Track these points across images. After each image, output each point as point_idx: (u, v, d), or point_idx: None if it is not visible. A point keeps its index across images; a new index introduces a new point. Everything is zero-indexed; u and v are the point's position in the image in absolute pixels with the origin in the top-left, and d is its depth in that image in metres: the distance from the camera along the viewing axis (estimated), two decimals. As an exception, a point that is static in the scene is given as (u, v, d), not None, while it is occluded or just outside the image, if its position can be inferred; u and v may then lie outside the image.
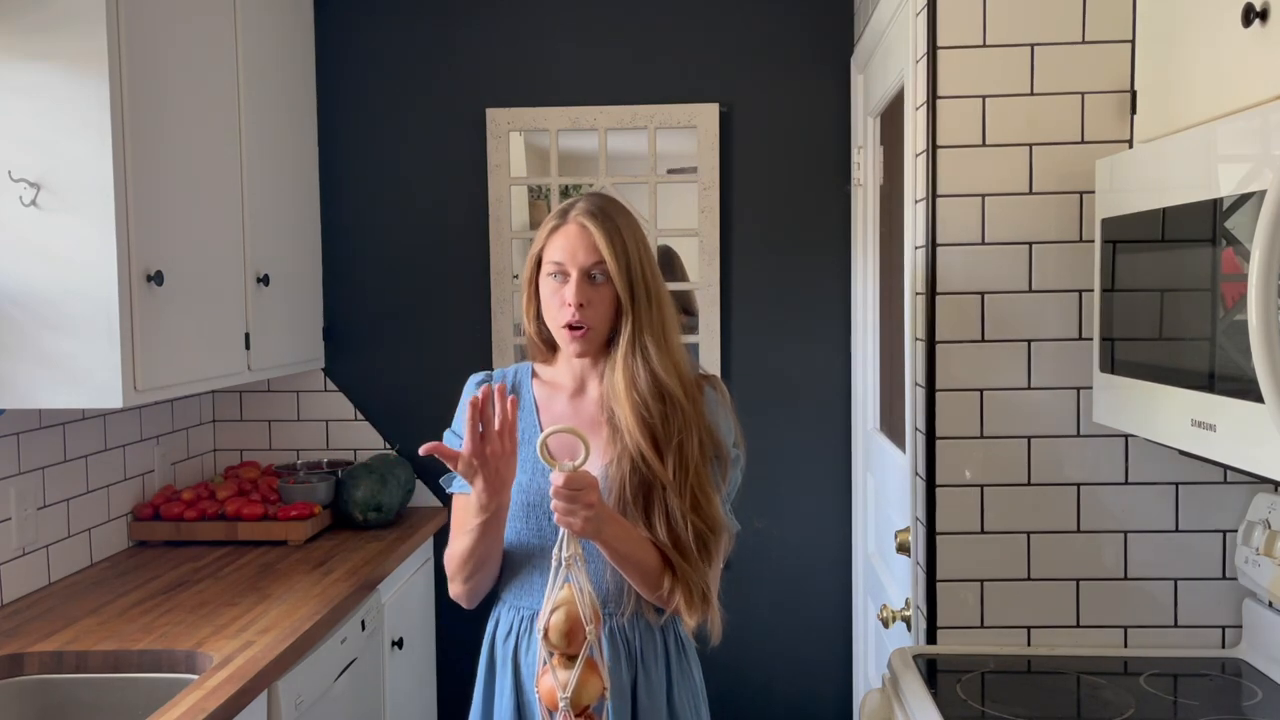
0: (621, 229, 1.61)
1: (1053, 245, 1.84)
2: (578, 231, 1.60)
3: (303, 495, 2.82)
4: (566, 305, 1.60)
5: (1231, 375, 1.28)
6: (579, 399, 1.68)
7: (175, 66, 2.27)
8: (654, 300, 1.62)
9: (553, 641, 1.44)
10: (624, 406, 1.58)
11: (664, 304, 1.64)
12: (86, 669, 1.94)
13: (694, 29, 3.07)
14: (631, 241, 1.61)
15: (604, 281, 1.60)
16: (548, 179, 3.13)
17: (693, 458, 1.59)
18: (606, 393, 1.63)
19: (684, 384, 1.62)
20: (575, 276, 1.59)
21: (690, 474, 1.58)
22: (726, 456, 1.66)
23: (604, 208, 1.63)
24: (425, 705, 2.98)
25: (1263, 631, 1.77)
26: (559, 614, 1.44)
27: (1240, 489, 1.84)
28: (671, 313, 1.66)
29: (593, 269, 1.59)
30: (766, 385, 3.05)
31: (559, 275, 1.61)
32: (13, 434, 2.24)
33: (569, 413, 1.67)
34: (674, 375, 1.60)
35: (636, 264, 1.61)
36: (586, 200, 1.65)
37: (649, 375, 1.58)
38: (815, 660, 3.14)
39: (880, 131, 2.78)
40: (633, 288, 1.59)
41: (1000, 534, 1.88)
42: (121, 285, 2.03)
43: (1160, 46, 1.66)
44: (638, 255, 1.61)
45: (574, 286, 1.59)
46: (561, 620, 1.43)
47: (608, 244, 1.58)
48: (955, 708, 1.61)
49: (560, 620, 1.43)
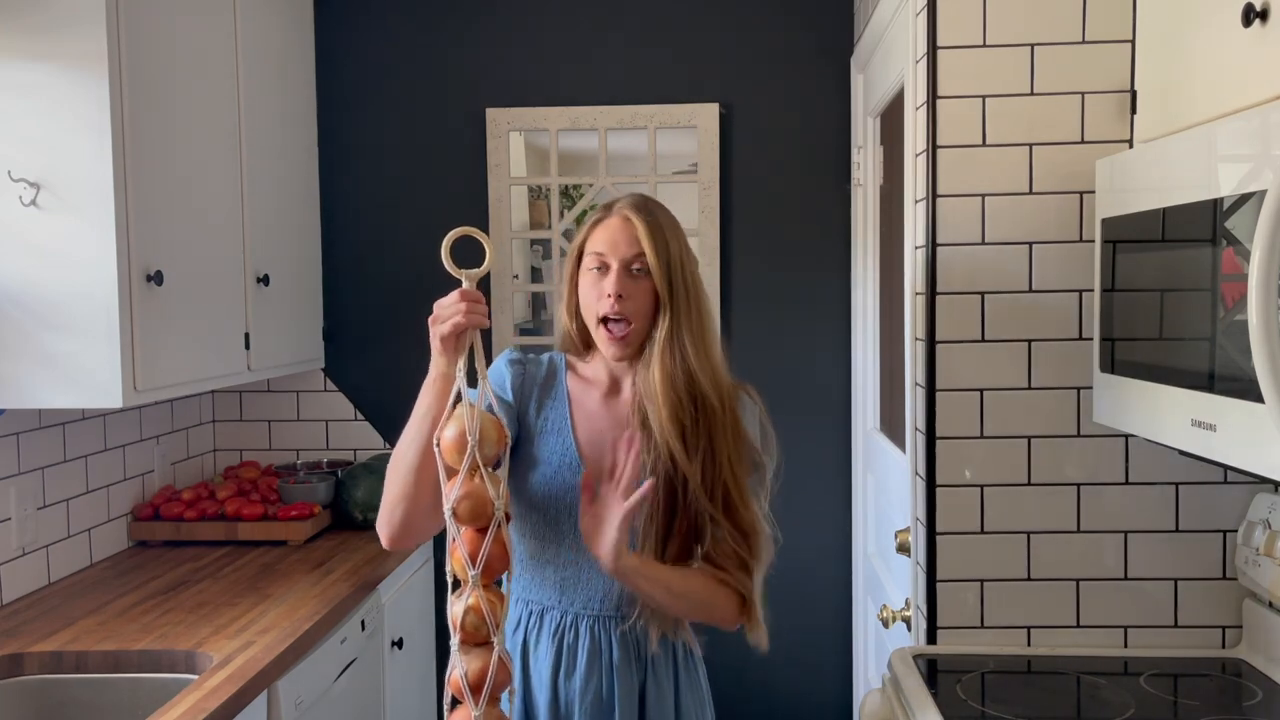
0: (664, 226, 1.60)
1: (1053, 245, 1.84)
2: (620, 224, 1.59)
3: (303, 495, 2.82)
4: (605, 296, 1.58)
5: (1231, 375, 1.28)
6: (612, 398, 1.67)
7: (175, 67, 2.27)
8: (693, 300, 1.60)
9: (447, 462, 1.37)
10: (658, 404, 1.56)
11: (704, 306, 1.63)
12: (86, 669, 1.94)
13: (694, 29, 3.07)
14: (674, 239, 1.60)
15: (644, 275, 1.58)
16: (548, 179, 3.13)
17: (725, 462, 1.57)
18: (640, 390, 1.60)
19: (720, 389, 1.60)
20: (615, 268, 1.58)
21: (721, 476, 1.57)
22: (762, 465, 1.65)
23: (647, 204, 1.63)
24: (425, 705, 2.98)
25: (1263, 631, 1.77)
26: (450, 429, 1.36)
27: (1240, 489, 1.84)
28: (711, 317, 1.65)
29: (633, 262, 1.58)
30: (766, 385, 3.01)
31: (600, 267, 1.60)
32: (13, 434, 2.24)
33: (602, 411, 1.65)
34: (710, 378, 1.59)
35: (678, 261, 1.59)
36: (630, 196, 1.65)
37: (686, 375, 1.56)
38: (815, 660, 3.14)
39: (880, 131, 2.78)
40: (671, 283, 1.58)
41: (1000, 534, 1.87)
42: (121, 285, 2.03)
43: (1160, 46, 1.66)
44: (679, 253, 1.60)
45: (614, 277, 1.57)
46: (454, 435, 1.36)
47: (649, 237, 1.57)
48: (955, 708, 1.61)
49: (452, 435, 1.36)
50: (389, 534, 1.55)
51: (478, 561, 1.35)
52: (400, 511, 1.52)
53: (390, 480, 1.54)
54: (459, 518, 1.36)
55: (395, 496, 1.52)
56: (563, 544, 1.60)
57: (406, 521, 1.52)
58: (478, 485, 1.36)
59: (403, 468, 1.50)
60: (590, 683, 1.59)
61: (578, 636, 1.61)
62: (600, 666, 1.60)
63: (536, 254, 3.28)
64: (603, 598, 1.61)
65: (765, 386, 3.07)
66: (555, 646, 1.61)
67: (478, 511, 1.36)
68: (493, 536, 1.36)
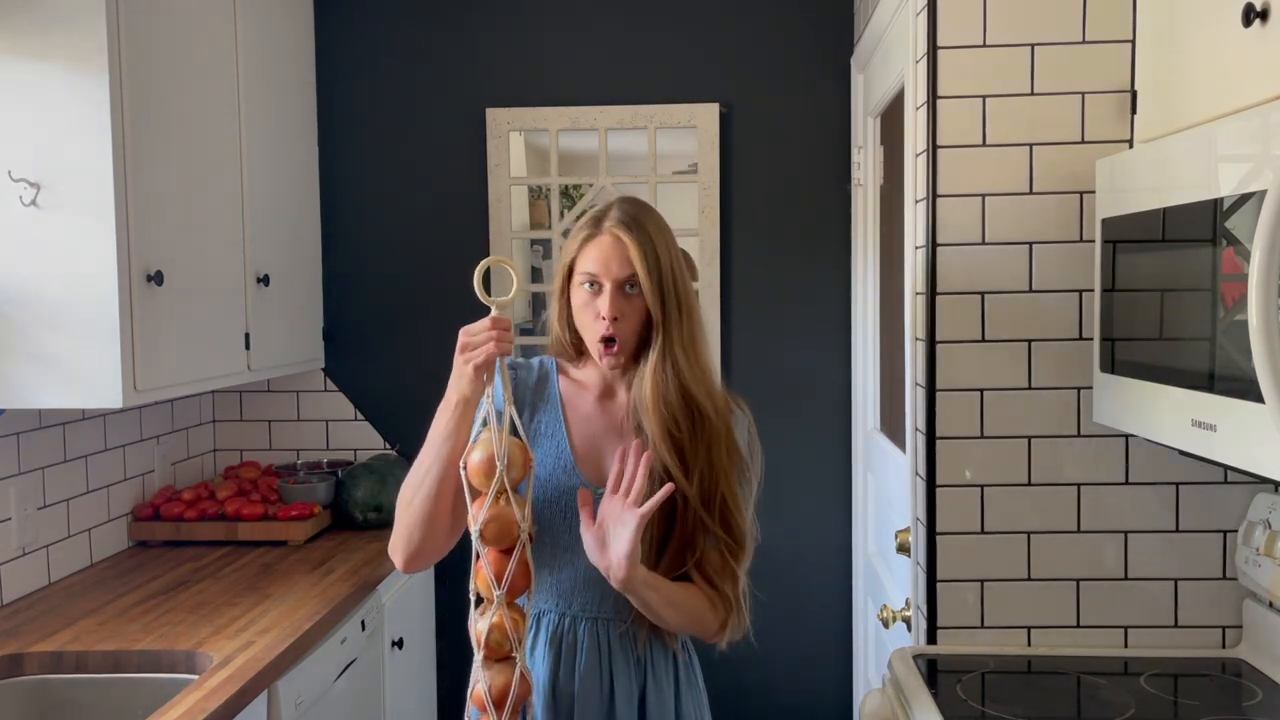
0: (655, 239, 1.58)
1: (1053, 245, 1.84)
2: (612, 243, 1.57)
3: (303, 495, 2.82)
4: (601, 319, 1.56)
5: (1232, 375, 1.28)
6: (607, 402, 1.66)
7: (175, 66, 2.27)
8: (685, 312, 1.59)
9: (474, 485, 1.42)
10: (652, 419, 1.56)
11: (694, 316, 1.62)
12: (86, 669, 1.94)
13: (694, 29, 3.07)
14: (665, 253, 1.58)
15: (637, 293, 1.58)
16: (548, 179, 3.13)
17: (721, 474, 1.57)
18: (635, 403, 1.60)
19: (714, 399, 1.60)
20: (609, 289, 1.56)
21: (719, 488, 1.57)
22: (749, 477, 1.65)
23: (637, 217, 1.59)
24: (425, 705, 2.98)
25: (1263, 632, 1.77)
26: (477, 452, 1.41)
27: (1240, 489, 1.84)
28: (701, 324, 1.64)
29: (626, 281, 1.56)
30: (767, 385, 3.04)
31: (592, 285, 1.58)
32: (13, 434, 2.24)
33: (596, 414, 1.65)
34: (704, 389, 1.58)
35: (669, 276, 1.58)
36: (619, 209, 1.61)
37: (679, 389, 1.56)
38: (815, 660, 3.14)
39: (880, 131, 2.78)
40: (664, 301, 1.57)
41: (1000, 534, 1.87)
42: (121, 285, 2.03)
43: (1160, 46, 1.66)
44: (670, 267, 1.58)
45: (608, 300, 1.55)
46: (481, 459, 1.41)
47: (641, 257, 1.55)
48: (955, 708, 1.61)
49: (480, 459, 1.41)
50: (405, 557, 1.56)
51: (503, 581, 1.40)
52: (420, 535, 1.53)
53: (407, 504, 1.54)
54: (485, 539, 1.40)
55: (414, 520, 1.53)
56: (559, 547, 1.60)
57: (425, 545, 1.54)
58: (504, 508, 1.40)
59: (423, 491, 1.51)
60: (591, 685, 1.59)
61: (577, 639, 1.61)
62: (601, 668, 1.60)
63: (537, 254, 3.29)
64: (601, 599, 1.60)
65: (765, 386, 3.10)
66: (554, 649, 1.61)
67: (504, 533, 1.41)
68: (517, 557, 1.41)
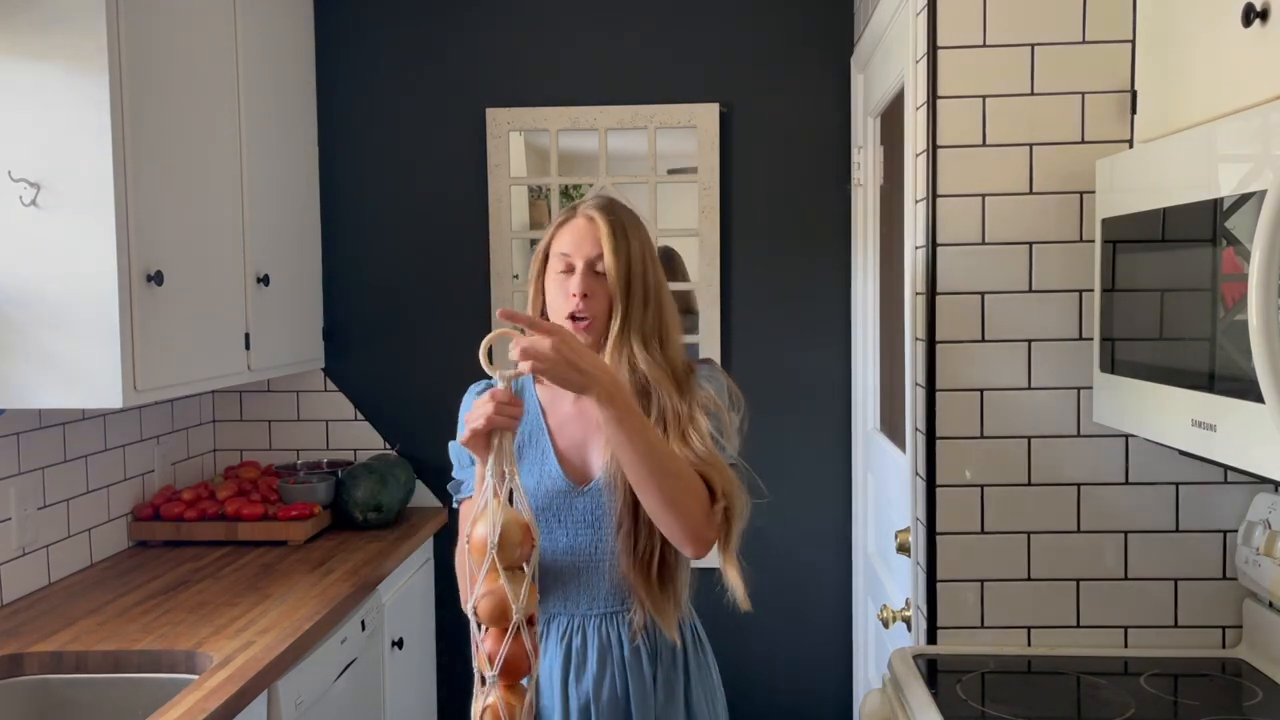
0: (626, 226, 1.63)
1: (1053, 245, 1.84)
2: (584, 224, 1.63)
3: (303, 495, 2.82)
4: (572, 296, 1.60)
5: (1232, 375, 1.28)
6: (583, 402, 1.67)
7: (175, 66, 2.27)
8: (650, 302, 1.62)
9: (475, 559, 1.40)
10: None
11: (663, 307, 1.64)
12: (86, 669, 1.94)
13: (694, 29, 3.07)
14: (635, 241, 1.62)
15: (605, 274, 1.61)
16: (548, 179, 3.13)
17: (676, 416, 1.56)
18: None
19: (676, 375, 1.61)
20: (580, 267, 1.60)
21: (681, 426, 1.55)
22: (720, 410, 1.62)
23: (611, 204, 1.66)
24: (425, 705, 2.98)
25: (1263, 632, 1.77)
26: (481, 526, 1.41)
27: (1240, 489, 1.84)
28: (672, 317, 1.66)
29: (597, 261, 1.61)
30: (766, 385, 3.04)
31: (566, 269, 1.62)
32: (13, 434, 2.24)
33: (575, 414, 1.66)
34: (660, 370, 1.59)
35: (638, 263, 1.61)
36: (595, 198, 1.68)
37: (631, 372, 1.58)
38: (815, 660, 3.14)
39: (880, 131, 2.78)
40: (629, 284, 1.60)
41: (1000, 534, 1.87)
42: (121, 285, 2.03)
43: (1160, 46, 1.66)
44: (640, 254, 1.62)
45: (579, 277, 1.60)
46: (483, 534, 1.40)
47: (609, 238, 1.60)
48: (955, 708, 1.61)
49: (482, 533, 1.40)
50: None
51: (495, 662, 1.39)
52: None
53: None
54: (479, 616, 1.40)
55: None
56: (558, 550, 1.61)
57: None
58: (498, 586, 1.39)
59: None
60: (604, 681, 1.60)
61: (585, 638, 1.61)
62: (612, 664, 1.60)
63: (537, 254, 3.29)
64: (605, 595, 1.61)
65: (765, 386, 3.10)
66: (563, 650, 1.61)
67: (497, 612, 1.39)
68: (512, 638, 1.39)
